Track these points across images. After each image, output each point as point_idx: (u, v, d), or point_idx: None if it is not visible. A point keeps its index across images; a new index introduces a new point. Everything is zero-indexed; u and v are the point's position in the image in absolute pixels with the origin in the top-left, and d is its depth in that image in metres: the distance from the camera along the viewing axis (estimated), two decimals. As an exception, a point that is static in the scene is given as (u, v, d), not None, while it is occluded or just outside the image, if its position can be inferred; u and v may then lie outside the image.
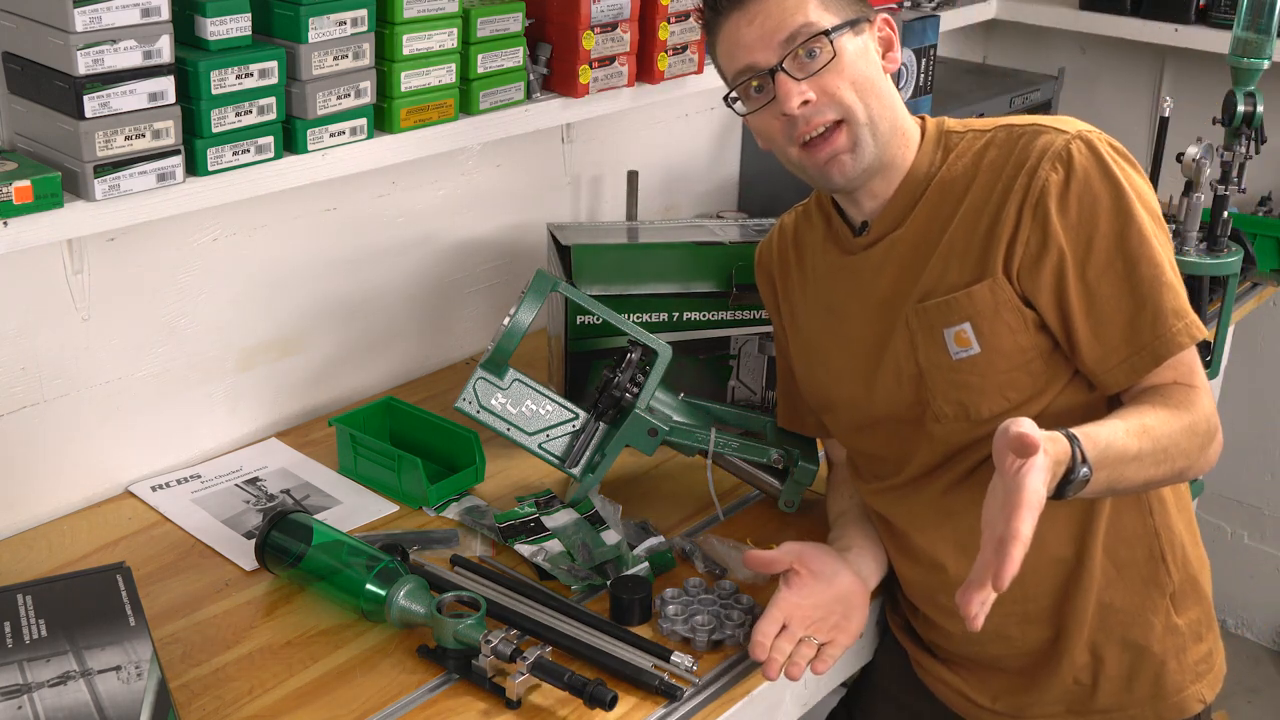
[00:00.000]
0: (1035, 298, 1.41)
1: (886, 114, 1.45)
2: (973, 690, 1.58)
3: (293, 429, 1.97)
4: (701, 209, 2.59)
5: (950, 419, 1.47)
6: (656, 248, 1.91)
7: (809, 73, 1.41)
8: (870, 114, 1.44)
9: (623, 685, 1.41)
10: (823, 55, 1.41)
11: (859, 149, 1.44)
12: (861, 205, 1.52)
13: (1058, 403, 1.45)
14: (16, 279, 1.63)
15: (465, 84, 1.84)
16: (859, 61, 1.43)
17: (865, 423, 1.57)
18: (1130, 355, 1.40)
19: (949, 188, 1.47)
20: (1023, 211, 1.40)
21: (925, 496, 1.53)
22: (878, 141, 1.45)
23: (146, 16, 1.46)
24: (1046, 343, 1.43)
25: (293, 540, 1.56)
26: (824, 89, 1.42)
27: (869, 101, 1.43)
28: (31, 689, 1.26)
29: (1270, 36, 2.40)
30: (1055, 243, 1.39)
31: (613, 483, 1.81)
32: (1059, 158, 1.40)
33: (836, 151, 1.44)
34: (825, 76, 1.41)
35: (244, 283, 1.88)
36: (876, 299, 1.51)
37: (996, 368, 1.43)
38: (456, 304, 2.20)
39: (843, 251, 1.56)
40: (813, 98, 1.42)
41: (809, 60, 1.41)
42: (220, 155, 1.59)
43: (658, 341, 1.71)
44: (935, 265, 1.46)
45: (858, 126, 1.43)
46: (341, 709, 1.39)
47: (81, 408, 1.73)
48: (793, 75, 1.41)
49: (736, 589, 1.58)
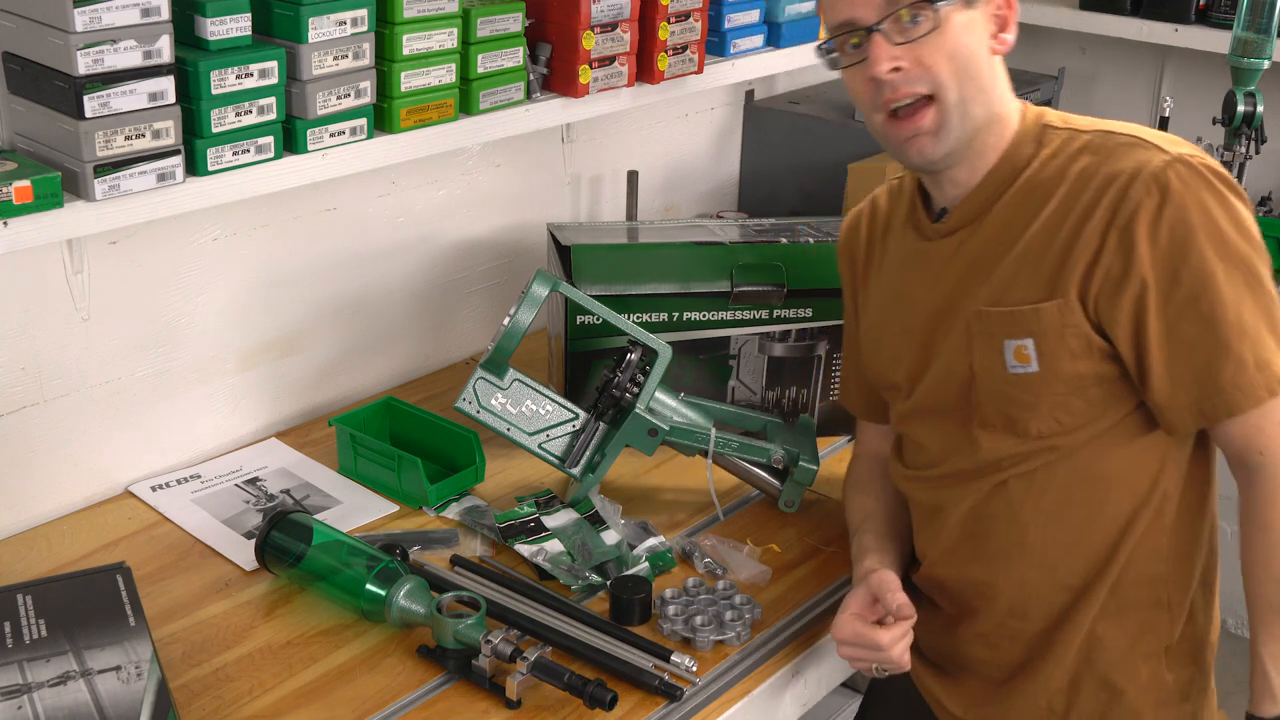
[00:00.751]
0: (1111, 328, 1.35)
1: (981, 98, 1.38)
2: (948, 696, 1.54)
3: (293, 429, 1.97)
4: (701, 209, 2.59)
5: (997, 429, 1.42)
6: (656, 248, 1.91)
7: (908, 39, 1.34)
8: (963, 95, 1.36)
9: (623, 685, 1.41)
10: (925, 23, 1.33)
11: (943, 132, 1.38)
12: (944, 190, 1.45)
13: (1112, 433, 1.40)
14: (16, 279, 1.63)
15: (465, 84, 1.84)
16: (963, 36, 1.35)
17: (913, 411, 1.52)
18: (1200, 399, 1.33)
19: (1035, 189, 1.39)
20: (1108, 234, 1.33)
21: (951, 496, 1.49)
22: (965, 127, 1.38)
23: (146, 16, 1.46)
24: (1112, 371, 1.37)
25: (293, 540, 1.56)
26: (919, 59, 1.34)
27: (965, 82, 1.36)
28: (31, 689, 1.26)
29: (1270, 36, 2.40)
30: (1139, 273, 1.31)
31: (613, 483, 1.81)
32: (1155, 180, 1.31)
33: (919, 130, 1.38)
34: (923, 46, 1.34)
35: (244, 283, 1.88)
36: (942, 291, 1.46)
37: (1052, 389, 1.38)
38: (456, 304, 2.20)
39: (919, 236, 1.50)
40: (905, 65, 1.35)
41: (910, 26, 1.34)
42: (220, 155, 1.59)
43: (658, 341, 1.71)
44: (1007, 269, 1.40)
45: (947, 107, 1.36)
46: (341, 709, 1.39)
47: (81, 408, 1.73)
48: (890, 38, 1.34)
49: (736, 589, 1.58)
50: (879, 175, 2.23)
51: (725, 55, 2.20)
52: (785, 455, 1.73)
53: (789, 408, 1.96)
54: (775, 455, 1.73)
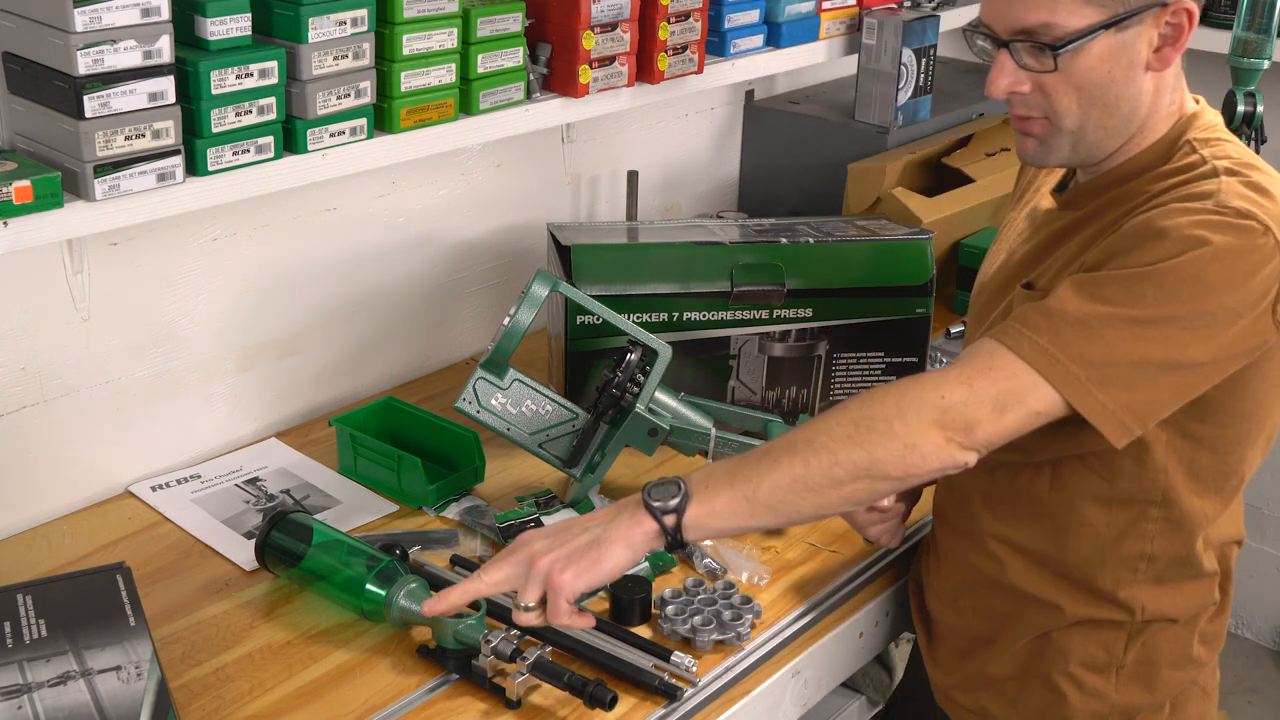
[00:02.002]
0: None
1: (1109, 124, 1.33)
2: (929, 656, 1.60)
3: (293, 429, 1.97)
4: (701, 209, 2.59)
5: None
6: (656, 248, 1.91)
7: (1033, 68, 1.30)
8: (1083, 124, 1.33)
9: (623, 685, 1.41)
10: (1048, 61, 1.28)
11: (1047, 148, 1.35)
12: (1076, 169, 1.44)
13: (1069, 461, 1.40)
14: (16, 279, 1.63)
15: (465, 84, 1.84)
16: (1101, 66, 1.28)
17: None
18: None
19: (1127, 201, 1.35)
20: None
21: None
22: (1078, 150, 1.35)
23: (146, 16, 1.46)
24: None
25: (293, 540, 1.56)
26: (1042, 85, 1.31)
27: (1090, 112, 1.32)
28: (31, 689, 1.26)
29: (1270, 36, 2.40)
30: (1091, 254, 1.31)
31: (613, 483, 1.81)
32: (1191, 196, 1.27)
33: (1027, 133, 1.36)
34: (1050, 75, 1.30)
35: (244, 283, 1.88)
36: (1021, 256, 1.45)
37: None
38: (456, 304, 2.20)
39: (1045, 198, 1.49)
40: (1026, 89, 1.32)
41: (1040, 53, 1.28)
42: (220, 155, 1.59)
43: (658, 341, 1.71)
44: (1058, 259, 1.38)
45: (1061, 130, 1.33)
46: (341, 709, 1.39)
47: (81, 408, 1.73)
48: (1017, 58, 1.30)
49: (736, 589, 1.58)
50: (879, 175, 2.23)
51: (725, 55, 2.20)
52: (785, 455, 1.73)
53: (789, 408, 1.96)
54: (775, 455, 1.72)
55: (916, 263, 1.92)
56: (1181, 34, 1.29)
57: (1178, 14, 1.28)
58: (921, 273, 1.92)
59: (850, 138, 2.39)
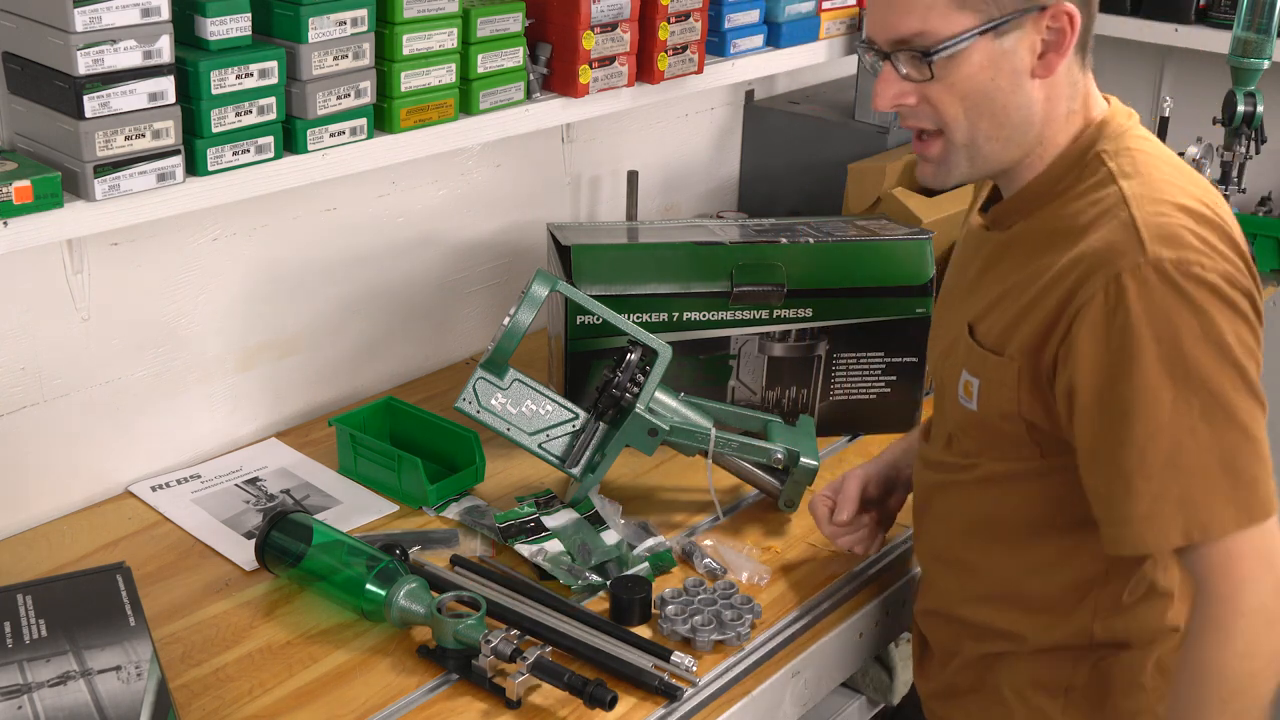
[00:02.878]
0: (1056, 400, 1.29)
1: (1000, 134, 1.29)
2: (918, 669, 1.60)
3: (293, 429, 1.97)
4: (701, 209, 2.59)
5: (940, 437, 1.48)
6: (656, 248, 1.91)
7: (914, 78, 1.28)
8: (974, 135, 1.30)
9: (623, 685, 1.41)
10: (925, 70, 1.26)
11: (947, 165, 1.33)
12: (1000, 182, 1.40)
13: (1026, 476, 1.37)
14: (16, 279, 1.63)
15: (465, 84, 1.84)
16: (981, 75, 1.26)
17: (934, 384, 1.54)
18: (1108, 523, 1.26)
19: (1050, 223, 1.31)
20: (1061, 314, 1.25)
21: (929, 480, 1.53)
22: (976, 164, 1.32)
23: (146, 16, 1.46)
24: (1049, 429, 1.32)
25: (293, 540, 1.56)
26: (927, 96, 1.28)
27: (978, 123, 1.29)
28: (31, 689, 1.26)
29: (1270, 36, 2.40)
30: (1072, 371, 1.24)
31: (613, 483, 1.81)
32: (1114, 282, 1.20)
33: (925, 157, 1.33)
34: (931, 84, 1.27)
35: (244, 283, 1.88)
36: (968, 280, 1.43)
37: (985, 429, 1.38)
38: (456, 304, 2.20)
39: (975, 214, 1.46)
40: (912, 102, 1.30)
41: (918, 62, 1.27)
42: (220, 155, 1.59)
43: (658, 341, 1.71)
44: (995, 295, 1.35)
45: (954, 145, 1.31)
46: (341, 709, 1.39)
47: (81, 408, 1.73)
48: (898, 69, 1.28)
49: (736, 589, 1.58)
50: (879, 175, 2.23)
51: (725, 55, 2.20)
52: (785, 455, 1.73)
53: (789, 408, 1.96)
54: (775, 455, 1.73)
55: (916, 263, 1.92)
56: (1064, 39, 1.26)
57: (1058, 18, 1.25)
58: (921, 273, 1.92)
59: (850, 138, 2.39)
